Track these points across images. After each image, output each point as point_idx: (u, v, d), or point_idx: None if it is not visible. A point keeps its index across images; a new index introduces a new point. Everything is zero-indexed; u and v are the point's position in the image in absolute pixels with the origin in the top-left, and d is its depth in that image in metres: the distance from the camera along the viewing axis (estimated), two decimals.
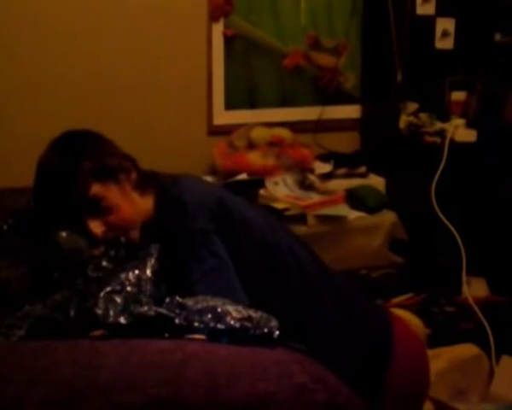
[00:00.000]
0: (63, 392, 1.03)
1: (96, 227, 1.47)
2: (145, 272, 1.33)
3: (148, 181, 1.60)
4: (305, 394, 1.09)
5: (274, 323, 1.27)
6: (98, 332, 1.21)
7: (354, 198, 2.71)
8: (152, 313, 1.24)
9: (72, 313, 1.26)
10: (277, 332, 1.26)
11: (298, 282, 1.56)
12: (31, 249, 1.49)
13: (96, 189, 1.49)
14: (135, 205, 1.54)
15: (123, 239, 1.48)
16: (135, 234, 1.52)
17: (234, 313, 1.25)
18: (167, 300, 1.27)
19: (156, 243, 1.41)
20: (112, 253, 1.43)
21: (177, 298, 1.27)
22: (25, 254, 1.49)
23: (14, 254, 1.50)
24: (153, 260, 1.36)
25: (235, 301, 1.31)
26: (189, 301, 1.27)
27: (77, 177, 1.48)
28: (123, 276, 1.31)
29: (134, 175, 1.57)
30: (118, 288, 1.28)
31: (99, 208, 1.49)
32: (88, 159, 1.51)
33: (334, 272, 1.66)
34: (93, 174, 1.49)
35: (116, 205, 1.50)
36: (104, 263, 1.41)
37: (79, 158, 1.50)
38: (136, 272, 1.32)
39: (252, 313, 1.26)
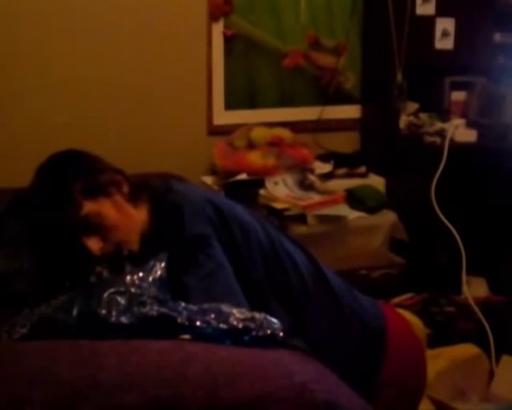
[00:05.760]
0: (63, 392, 1.03)
1: (94, 245, 1.46)
2: (150, 275, 1.33)
3: (141, 192, 1.59)
4: (304, 394, 1.09)
5: (277, 324, 1.27)
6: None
7: (354, 198, 2.71)
8: (154, 312, 1.24)
9: (74, 312, 1.26)
10: (281, 334, 1.26)
11: (294, 283, 1.57)
12: (32, 239, 1.49)
13: (88, 207, 1.47)
14: (130, 217, 1.53)
15: (125, 252, 1.47)
16: (134, 246, 1.51)
17: (237, 313, 1.25)
18: (171, 303, 1.27)
19: (165, 252, 1.40)
20: (115, 267, 1.42)
21: (181, 302, 1.28)
22: (25, 245, 1.48)
23: (13, 243, 1.49)
24: (160, 267, 1.35)
25: (235, 304, 1.31)
26: (193, 307, 1.27)
27: (68, 200, 1.46)
28: (128, 278, 1.31)
29: (126, 188, 1.56)
30: (122, 289, 1.28)
31: (95, 226, 1.48)
32: (77, 180, 1.49)
33: (330, 272, 1.67)
34: (84, 193, 1.48)
35: (111, 220, 1.49)
36: (105, 274, 1.41)
37: (68, 181, 1.49)
38: (141, 274, 1.32)
39: (255, 314, 1.26)
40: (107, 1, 2.75)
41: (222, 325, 1.23)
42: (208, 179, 2.83)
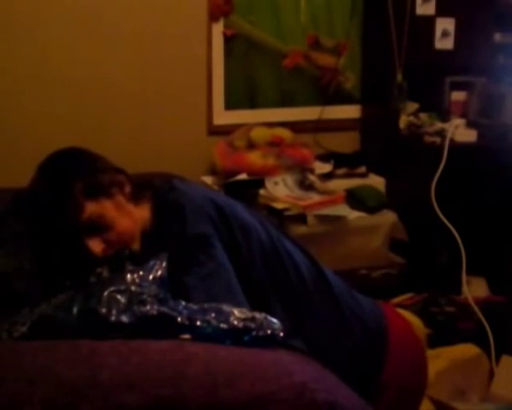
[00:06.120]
0: (63, 392, 1.03)
1: (96, 246, 1.46)
2: (151, 274, 1.33)
3: (143, 191, 1.58)
4: (304, 394, 1.09)
5: (277, 324, 1.27)
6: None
7: (354, 198, 2.71)
8: (154, 312, 1.24)
9: (74, 311, 1.26)
10: (281, 334, 1.26)
11: (294, 283, 1.57)
12: (31, 231, 1.48)
13: (90, 208, 1.46)
14: (132, 217, 1.52)
15: (126, 252, 1.47)
16: (135, 245, 1.51)
17: (237, 313, 1.25)
18: (171, 302, 1.27)
19: (166, 252, 1.40)
20: (116, 266, 1.42)
21: (182, 302, 1.28)
22: (25, 244, 1.48)
23: (13, 242, 1.49)
24: (161, 266, 1.35)
25: (236, 304, 1.31)
26: (194, 307, 1.27)
27: (70, 201, 1.45)
28: (128, 277, 1.31)
29: (128, 188, 1.55)
30: (122, 288, 1.28)
31: (96, 227, 1.47)
32: (79, 180, 1.48)
33: (330, 273, 1.67)
34: (86, 194, 1.47)
35: (113, 221, 1.48)
36: (105, 274, 1.41)
37: (70, 181, 1.47)
38: (141, 273, 1.32)
39: (255, 314, 1.26)
40: (107, 0, 2.75)
41: (222, 325, 1.23)
42: (208, 179, 2.83)
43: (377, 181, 2.90)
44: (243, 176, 2.69)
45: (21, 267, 1.45)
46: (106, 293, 1.27)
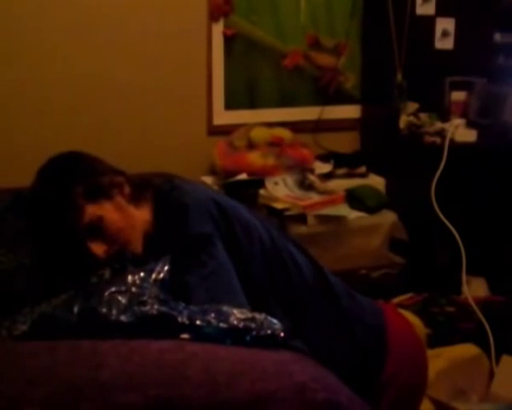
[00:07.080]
0: (63, 392, 1.03)
1: (98, 248, 1.45)
2: (152, 276, 1.33)
3: (143, 191, 1.58)
4: (305, 393, 1.09)
5: (278, 325, 1.27)
6: None
7: (354, 198, 2.71)
8: (154, 311, 1.24)
9: (75, 310, 1.27)
10: (282, 334, 1.26)
11: (296, 283, 1.57)
12: (33, 235, 1.48)
13: (91, 210, 1.46)
14: (132, 218, 1.52)
15: (128, 255, 1.47)
16: (137, 246, 1.51)
17: (238, 313, 1.25)
18: (172, 303, 1.27)
19: (168, 254, 1.40)
20: (117, 267, 1.42)
21: (182, 303, 1.28)
22: (26, 243, 1.48)
23: (14, 242, 1.49)
24: (162, 269, 1.35)
25: (236, 304, 1.31)
26: (194, 307, 1.27)
27: (70, 205, 1.45)
28: (129, 278, 1.31)
29: (127, 189, 1.54)
30: (123, 289, 1.28)
31: (98, 229, 1.47)
32: (78, 183, 1.47)
33: (329, 273, 1.67)
34: (86, 197, 1.47)
35: (114, 223, 1.48)
36: (107, 275, 1.41)
37: (70, 185, 1.47)
38: (142, 274, 1.32)
39: (256, 314, 1.26)
40: (107, 0, 2.75)
41: (222, 324, 1.23)
42: (208, 179, 2.83)
43: (377, 181, 2.90)
44: (243, 176, 2.69)
45: (22, 266, 1.45)
46: (106, 293, 1.27)
